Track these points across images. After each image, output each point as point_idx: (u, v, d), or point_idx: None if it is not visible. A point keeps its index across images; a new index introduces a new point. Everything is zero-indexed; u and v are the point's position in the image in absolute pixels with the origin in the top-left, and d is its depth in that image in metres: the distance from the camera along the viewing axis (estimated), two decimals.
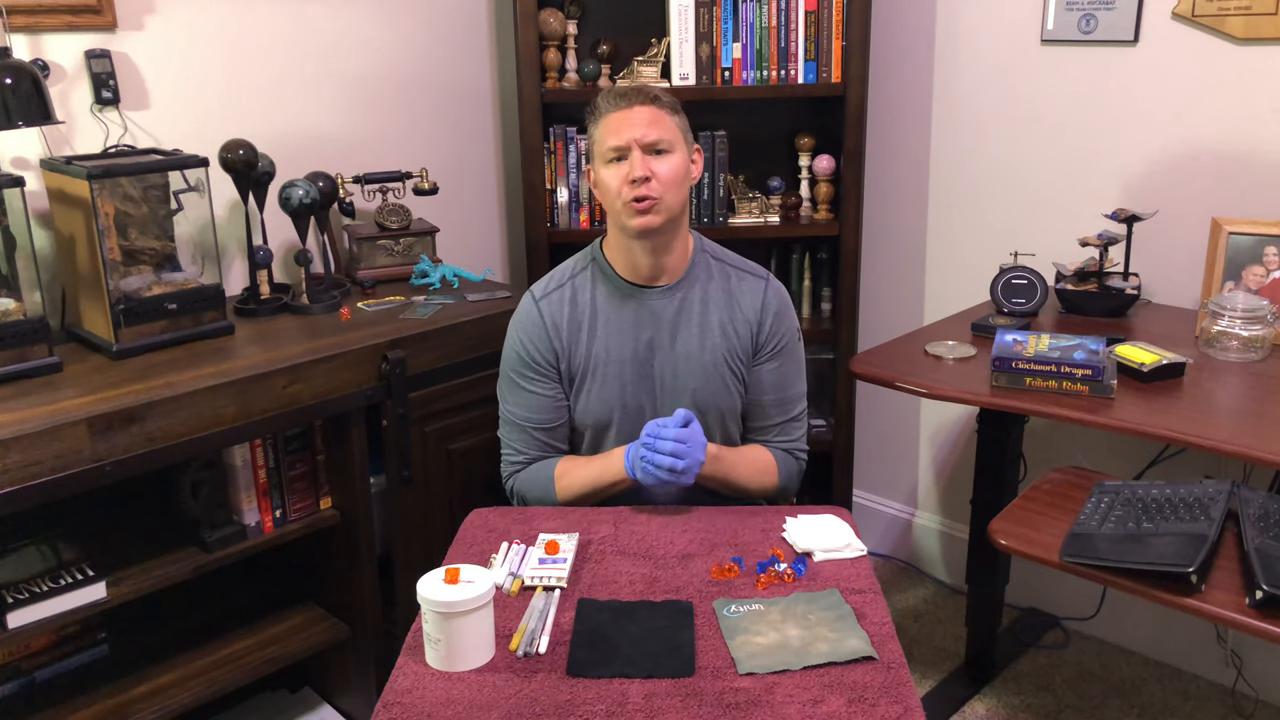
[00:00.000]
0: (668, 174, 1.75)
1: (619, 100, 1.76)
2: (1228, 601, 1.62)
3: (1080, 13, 2.44)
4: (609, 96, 1.78)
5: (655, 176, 1.74)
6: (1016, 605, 2.78)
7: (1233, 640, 2.43)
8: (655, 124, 1.75)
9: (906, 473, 3.06)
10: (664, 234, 1.79)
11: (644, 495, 1.83)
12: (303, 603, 2.29)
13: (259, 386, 1.91)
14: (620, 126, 1.74)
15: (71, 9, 2.08)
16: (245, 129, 2.31)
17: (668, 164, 1.75)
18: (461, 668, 1.37)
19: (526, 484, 1.89)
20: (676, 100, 1.81)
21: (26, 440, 1.65)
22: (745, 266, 1.92)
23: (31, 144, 2.07)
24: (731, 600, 1.51)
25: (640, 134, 1.74)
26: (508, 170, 2.95)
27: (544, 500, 1.87)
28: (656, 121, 1.75)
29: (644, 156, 1.74)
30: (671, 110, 1.78)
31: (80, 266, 2.03)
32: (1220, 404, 1.92)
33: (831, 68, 2.62)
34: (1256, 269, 2.18)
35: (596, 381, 1.85)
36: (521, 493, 1.90)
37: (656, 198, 1.74)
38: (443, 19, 2.73)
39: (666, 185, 1.75)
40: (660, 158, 1.75)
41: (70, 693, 1.99)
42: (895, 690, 1.32)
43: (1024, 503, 1.99)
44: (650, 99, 1.76)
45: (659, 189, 1.74)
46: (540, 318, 1.86)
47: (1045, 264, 2.44)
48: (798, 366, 1.93)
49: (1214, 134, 2.31)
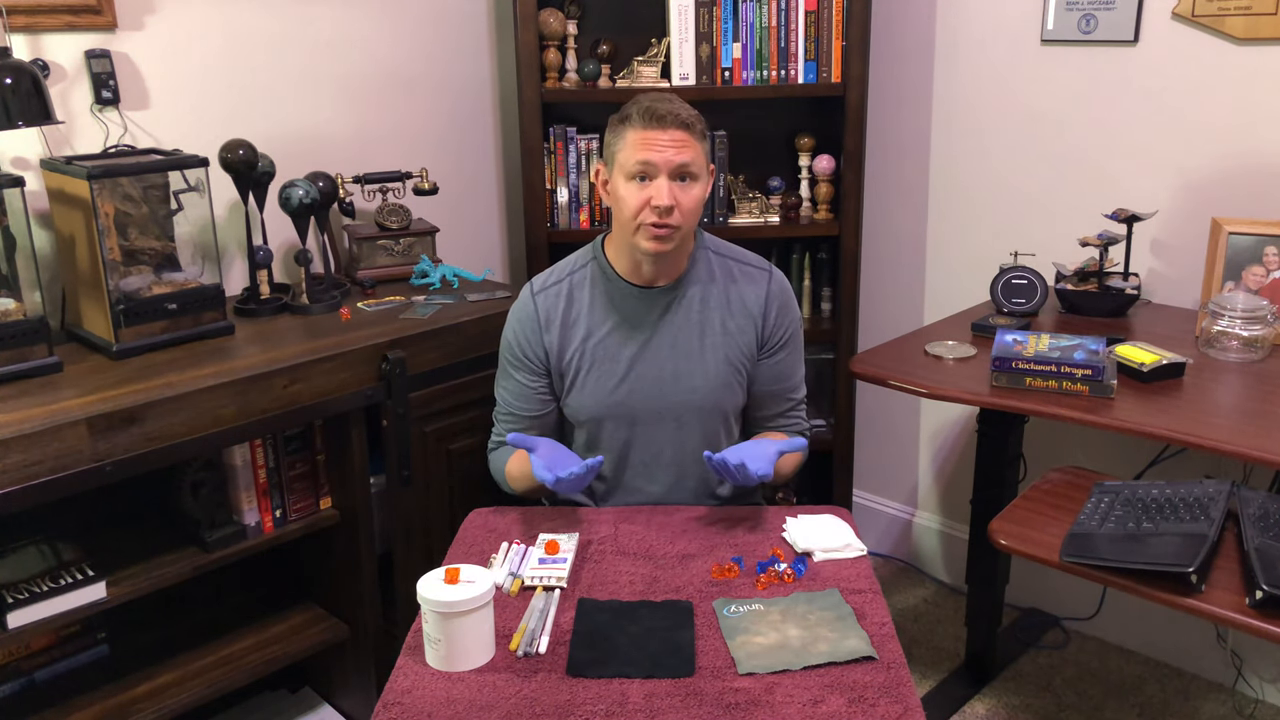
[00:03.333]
0: (690, 204, 1.75)
1: (653, 121, 1.72)
2: (1228, 601, 1.62)
3: (1080, 13, 2.44)
4: (643, 112, 1.73)
5: (678, 206, 1.73)
6: (1016, 605, 2.78)
7: (1233, 640, 2.43)
8: (686, 149, 1.73)
9: (906, 473, 3.06)
10: (672, 253, 1.80)
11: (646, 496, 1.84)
12: (303, 603, 2.29)
13: (259, 386, 1.91)
14: (650, 145, 1.72)
15: (71, 9, 2.07)
16: (245, 129, 2.31)
17: (691, 195, 1.75)
18: (461, 668, 1.38)
19: (492, 465, 1.98)
20: (705, 125, 1.79)
21: (26, 440, 1.64)
22: (747, 260, 1.92)
23: (31, 144, 2.07)
24: (731, 600, 1.51)
25: (671, 157, 1.72)
26: (508, 170, 2.95)
27: (502, 484, 1.96)
28: (688, 147, 1.73)
29: (670, 184, 1.72)
30: (700, 136, 1.76)
31: (80, 266, 2.03)
32: (1220, 404, 1.92)
33: (831, 68, 2.62)
34: (1256, 269, 2.18)
35: (591, 378, 1.86)
36: (492, 470, 1.99)
37: (676, 227, 1.74)
38: (443, 19, 2.72)
39: (687, 215, 1.75)
40: (685, 185, 1.74)
41: (70, 693, 1.99)
42: (895, 690, 1.32)
43: (1024, 503, 1.99)
44: (684, 124, 1.73)
45: (679, 219, 1.74)
46: (534, 311, 1.88)
47: (1045, 264, 2.44)
48: (800, 355, 1.97)
49: (1214, 134, 2.31)
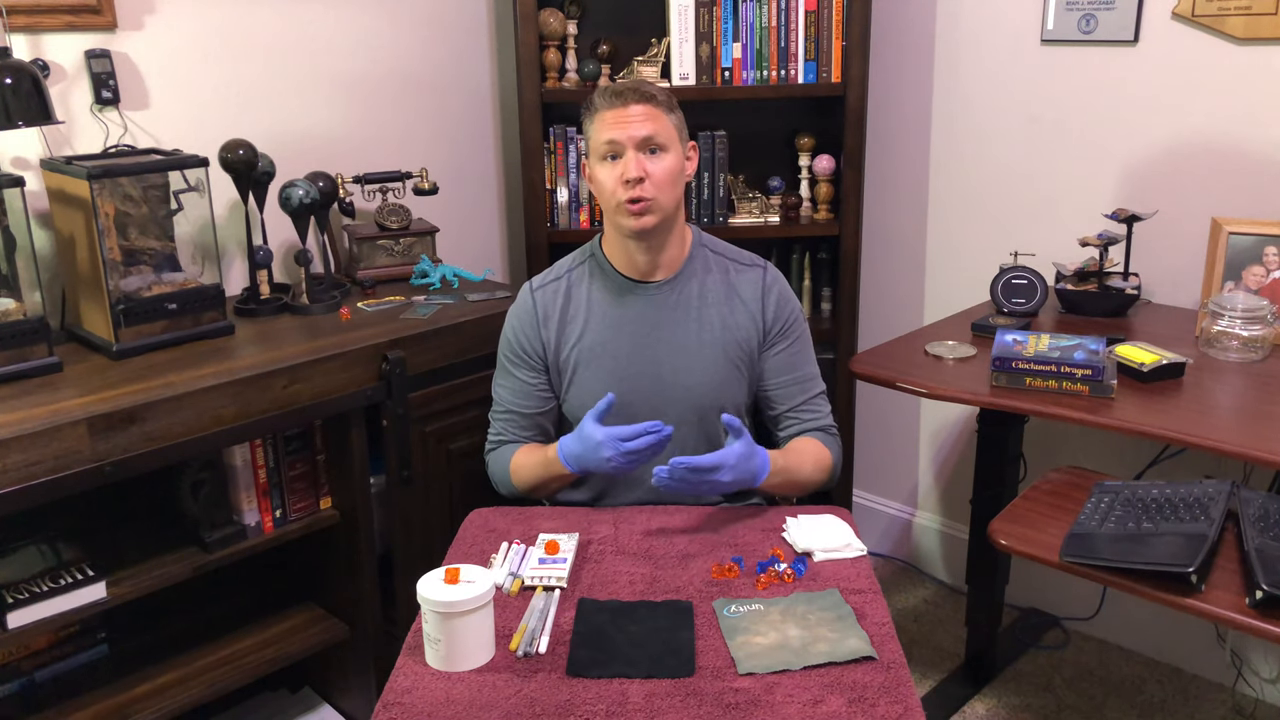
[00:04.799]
0: (661, 174, 1.75)
1: (614, 98, 1.75)
2: (1228, 601, 1.62)
3: (1080, 13, 2.44)
4: (604, 93, 1.77)
5: (649, 177, 1.74)
6: (1016, 605, 2.78)
7: (1233, 640, 2.43)
8: (649, 121, 1.74)
9: (906, 473, 3.06)
10: (660, 233, 1.80)
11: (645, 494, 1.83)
12: (303, 603, 2.29)
13: (259, 386, 1.91)
14: (614, 123, 1.74)
15: (71, 9, 2.07)
16: (245, 129, 2.31)
17: (661, 164, 1.75)
18: (461, 668, 1.37)
19: (493, 465, 1.95)
20: (672, 97, 1.80)
21: (26, 440, 1.64)
22: (742, 258, 1.93)
23: (31, 144, 2.07)
24: (731, 600, 1.51)
25: (634, 131, 1.73)
26: (508, 170, 2.95)
27: (504, 484, 1.92)
28: (651, 118, 1.74)
29: (638, 156, 1.74)
30: (667, 108, 1.78)
31: (80, 266, 2.03)
32: (1220, 404, 1.92)
33: (831, 68, 2.62)
34: (1256, 269, 2.18)
35: (589, 374, 1.86)
36: (491, 473, 1.96)
37: (650, 198, 1.74)
38: (443, 19, 2.72)
39: (660, 186, 1.75)
40: (654, 157, 1.75)
41: (70, 693, 1.99)
42: (895, 690, 1.32)
43: (1024, 503, 1.99)
44: (645, 96, 1.75)
45: (652, 190, 1.74)
46: (533, 307, 1.88)
47: (1045, 264, 2.44)
48: (807, 347, 1.94)
49: (1214, 134, 2.31)
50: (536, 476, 1.85)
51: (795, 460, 1.84)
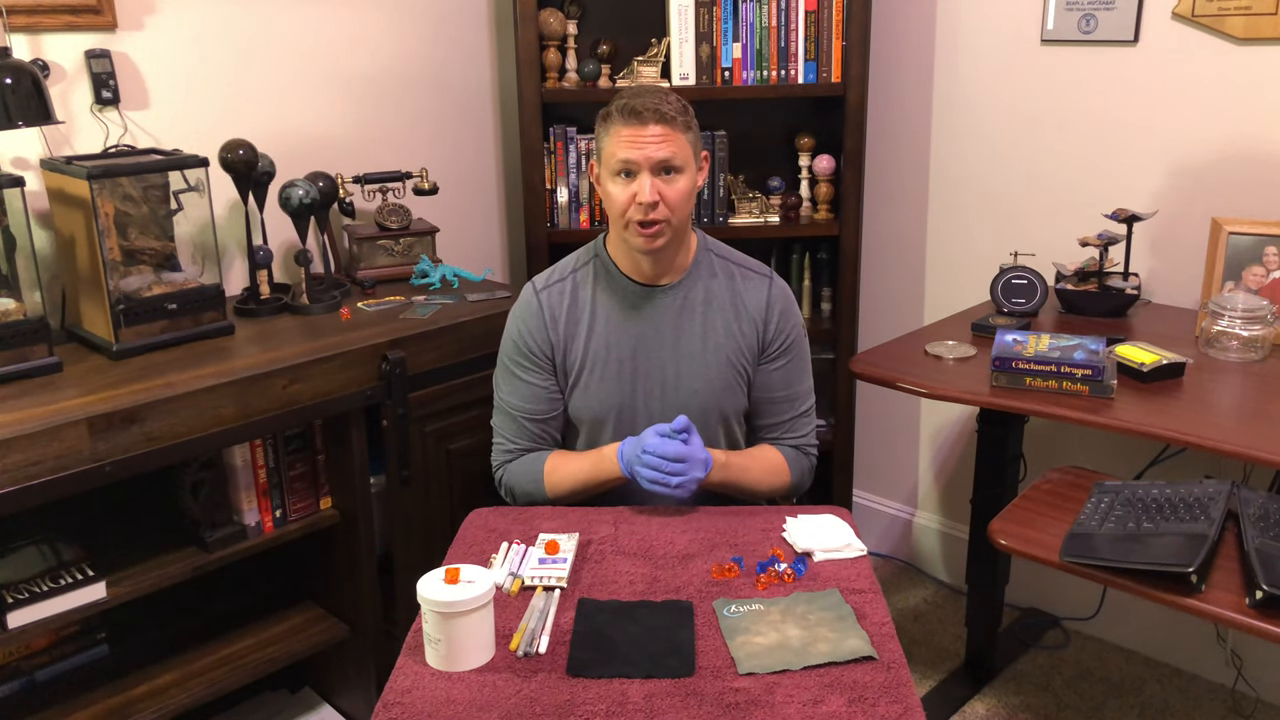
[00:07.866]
0: (675, 197, 1.74)
1: (631, 116, 1.71)
2: (1228, 601, 1.62)
3: (1080, 13, 2.44)
4: (624, 108, 1.73)
5: (663, 200, 1.72)
6: (1016, 605, 2.78)
7: (1233, 640, 2.43)
8: (667, 143, 1.72)
9: (906, 473, 3.06)
10: (668, 248, 1.80)
11: (639, 494, 1.83)
12: (303, 603, 2.29)
13: (259, 386, 1.91)
14: (631, 143, 1.71)
15: (71, 9, 2.07)
16: (245, 129, 2.31)
17: (676, 186, 1.74)
18: (461, 668, 1.37)
19: (516, 475, 1.88)
20: (689, 111, 1.77)
21: (26, 440, 1.64)
22: (748, 265, 1.92)
23: (31, 144, 2.07)
24: (731, 600, 1.51)
25: (651, 153, 1.71)
26: (508, 170, 2.95)
27: (532, 494, 1.86)
28: (669, 140, 1.72)
29: (653, 179, 1.72)
30: (684, 127, 1.74)
31: (80, 266, 2.03)
32: (1220, 404, 1.92)
33: (831, 68, 2.62)
34: (1256, 269, 2.18)
35: (594, 378, 1.85)
36: (510, 484, 1.89)
37: (663, 221, 1.74)
38: (443, 19, 2.72)
39: (674, 208, 1.74)
40: (669, 179, 1.73)
41: (70, 693, 1.99)
42: (895, 690, 1.32)
43: (1024, 503, 1.99)
44: (663, 117, 1.71)
45: (665, 213, 1.73)
46: (539, 308, 1.87)
47: (1045, 264, 2.44)
48: (804, 363, 1.93)
49: (1214, 134, 2.31)
50: (579, 480, 1.82)
51: (743, 460, 1.85)
